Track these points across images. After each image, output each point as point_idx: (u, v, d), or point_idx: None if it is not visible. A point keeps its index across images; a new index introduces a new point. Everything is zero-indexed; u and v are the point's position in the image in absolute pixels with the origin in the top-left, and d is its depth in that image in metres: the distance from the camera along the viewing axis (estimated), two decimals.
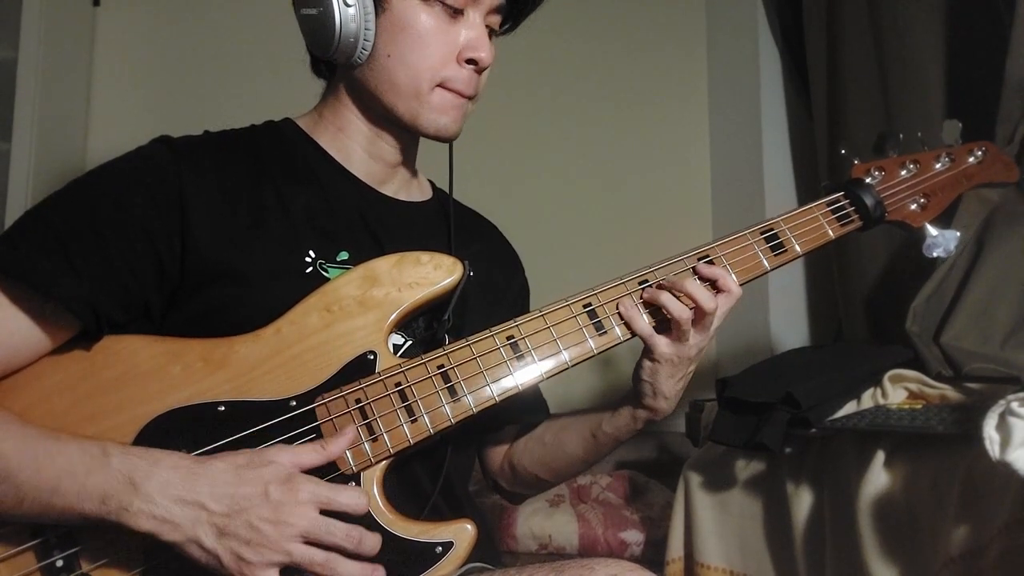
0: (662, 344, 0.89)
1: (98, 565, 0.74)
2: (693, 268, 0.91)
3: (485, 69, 0.92)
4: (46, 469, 0.70)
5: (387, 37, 0.89)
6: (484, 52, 0.90)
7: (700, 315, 0.88)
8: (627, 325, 0.89)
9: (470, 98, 0.93)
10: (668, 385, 0.92)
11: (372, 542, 0.75)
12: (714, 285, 0.91)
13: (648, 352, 0.90)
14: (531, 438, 1.07)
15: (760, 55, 2.23)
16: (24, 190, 1.92)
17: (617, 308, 0.89)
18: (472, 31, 0.91)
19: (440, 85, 0.90)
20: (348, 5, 0.87)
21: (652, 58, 2.46)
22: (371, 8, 0.88)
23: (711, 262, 0.92)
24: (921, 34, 1.65)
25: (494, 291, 1.03)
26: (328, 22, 0.88)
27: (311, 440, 0.78)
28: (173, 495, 0.70)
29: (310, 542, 0.72)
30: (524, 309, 1.10)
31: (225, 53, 2.18)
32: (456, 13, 0.90)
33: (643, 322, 0.89)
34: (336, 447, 0.77)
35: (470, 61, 0.90)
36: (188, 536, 0.70)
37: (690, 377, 0.94)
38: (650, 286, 0.90)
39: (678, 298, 0.88)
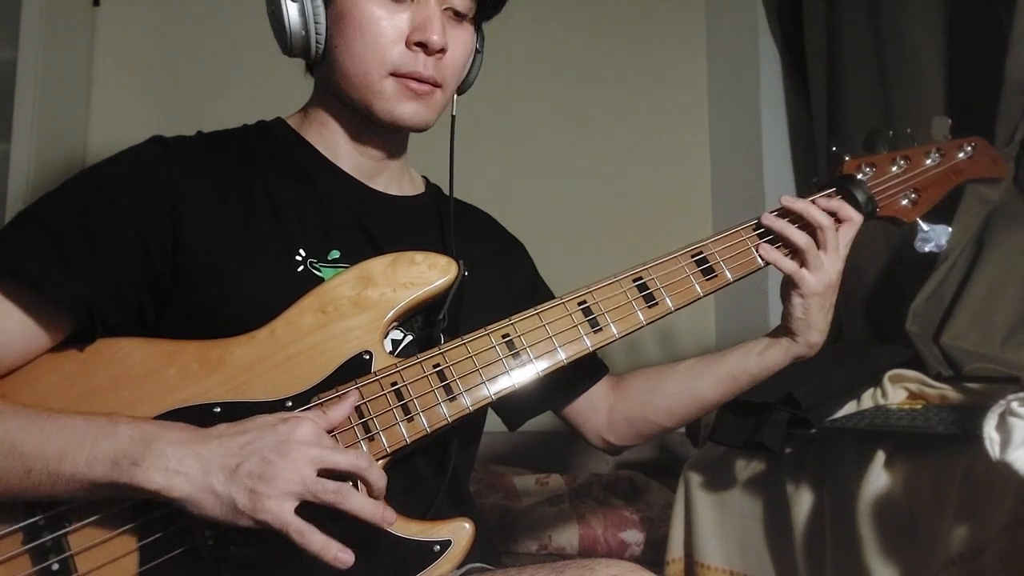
0: (807, 276, 0.93)
1: (96, 567, 0.73)
2: (813, 201, 0.96)
3: (438, 53, 0.88)
4: (53, 439, 0.71)
5: (335, 29, 0.88)
6: (435, 35, 0.86)
7: (821, 236, 0.93)
8: (774, 264, 0.93)
9: (434, 85, 0.90)
10: (820, 317, 0.96)
11: (379, 473, 0.75)
12: (836, 217, 0.95)
13: (795, 289, 0.94)
14: (649, 390, 1.08)
15: (760, 55, 2.22)
16: (24, 190, 1.92)
17: (758, 251, 0.94)
18: (421, 13, 0.87)
19: (392, 73, 0.88)
20: (293, 0, 0.87)
21: (652, 57, 2.46)
22: (319, 2, 0.87)
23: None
24: (921, 34, 1.64)
25: (497, 284, 1.02)
26: (279, 19, 0.88)
27: None
28: (184, 450, 0.70)
29: (321, 473, 0.72)
30: (537, 287, 1.10)
31: (225, 53, 2.18)
32: None
33: (788, 261, 0.93)
34: (337, 412, 0.77)
35: (419, 44, 0.87)
36: (200, 485, 0.70)
37: (833, 308, 0.98)
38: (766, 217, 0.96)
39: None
